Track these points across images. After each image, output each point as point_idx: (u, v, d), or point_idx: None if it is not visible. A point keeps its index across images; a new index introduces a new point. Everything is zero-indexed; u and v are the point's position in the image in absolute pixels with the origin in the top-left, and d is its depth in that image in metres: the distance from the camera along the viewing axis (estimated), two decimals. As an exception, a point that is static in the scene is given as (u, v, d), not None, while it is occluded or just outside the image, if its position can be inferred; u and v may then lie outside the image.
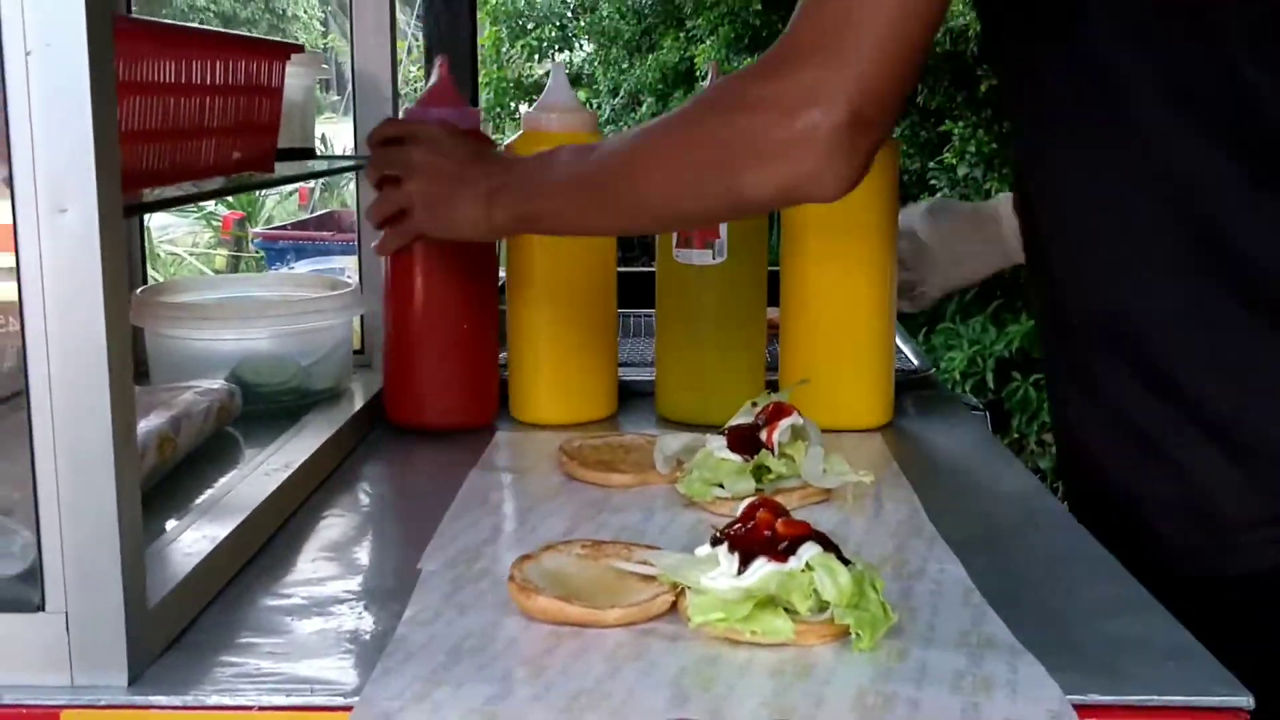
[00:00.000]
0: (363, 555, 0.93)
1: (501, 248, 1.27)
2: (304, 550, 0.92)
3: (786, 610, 0.73)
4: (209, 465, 1.05)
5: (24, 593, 0.68)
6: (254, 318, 1.18)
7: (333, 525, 0.98)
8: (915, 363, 1.42)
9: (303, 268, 1.51)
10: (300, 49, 1.05)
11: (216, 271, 6.18)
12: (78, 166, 0.63)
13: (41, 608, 0.68)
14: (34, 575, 0.68)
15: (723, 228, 1.20)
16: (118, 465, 0.67)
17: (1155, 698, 0.67)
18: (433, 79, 1.17)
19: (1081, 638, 0.76)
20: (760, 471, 0.99)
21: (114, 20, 0.66)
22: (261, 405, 1.18)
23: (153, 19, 0.76)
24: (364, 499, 1.05)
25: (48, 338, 0.65)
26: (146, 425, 0.97)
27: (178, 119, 0.80)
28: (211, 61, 0.84)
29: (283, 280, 1.37)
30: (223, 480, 0.99)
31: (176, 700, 0.68)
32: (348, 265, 1.54)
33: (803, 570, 0.73)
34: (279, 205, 7.60)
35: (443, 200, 1.05)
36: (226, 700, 0.68)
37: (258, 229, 5.39)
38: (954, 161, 5.49)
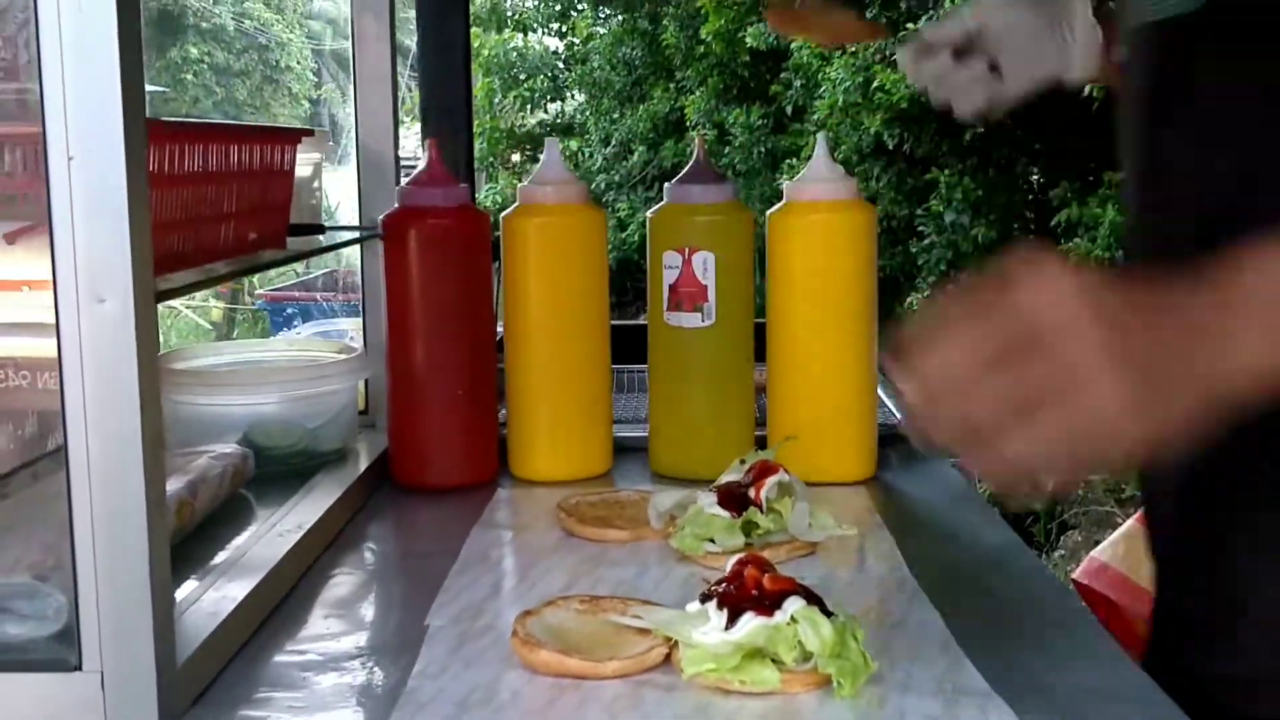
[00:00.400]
0: (371, 612, 0.98)
1: (498, 305, 1.33)
2: (315, 608, 0.97)
3: (774, 661, 0.79)
4: (224, 527, 1.10)
5: (61, 653, 0.73)
6: (264, 384, 1.24)
7: (342, 583, 1.03)
8: (899, 416, 1.48)
9: (308, 330, 1.56)
10: (310, 133, 1.11)
11: (212, 323, 6.25)
12: (115, 260, 0.69)
13: (79, 667, 0.73)
14: (69, 636, 0.73)
15: (710, 292, 1.26)
16: (150, 529, 0.72)
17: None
18: (422, 162, 1.24)
19: (1051, 683, 0.81)
20: (749, 527, 1.04)
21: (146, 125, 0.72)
22: (272, 467, 1.24)
23: (177, 119, 0.82)
24: (370, 558, 1.10)
25: (86, 414, 0.70)
26: (167, 489, 1.02)
27: (201, 207, 0.86)
28: (230, 151, 0.90)
29: (289, 345, 1.42)
30: (238, 541, 1.04)
31: (206, 755, 0.73)
32: (351, 328, 1.60)
33: (788, 623, 0.79)
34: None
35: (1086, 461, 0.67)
36: (257, 747, 0.73)
37: (260, 290, 5.47)
38: (940, 209, 5.59)
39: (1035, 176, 5.86)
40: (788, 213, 1.27)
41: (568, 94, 9.26)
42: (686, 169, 1.29)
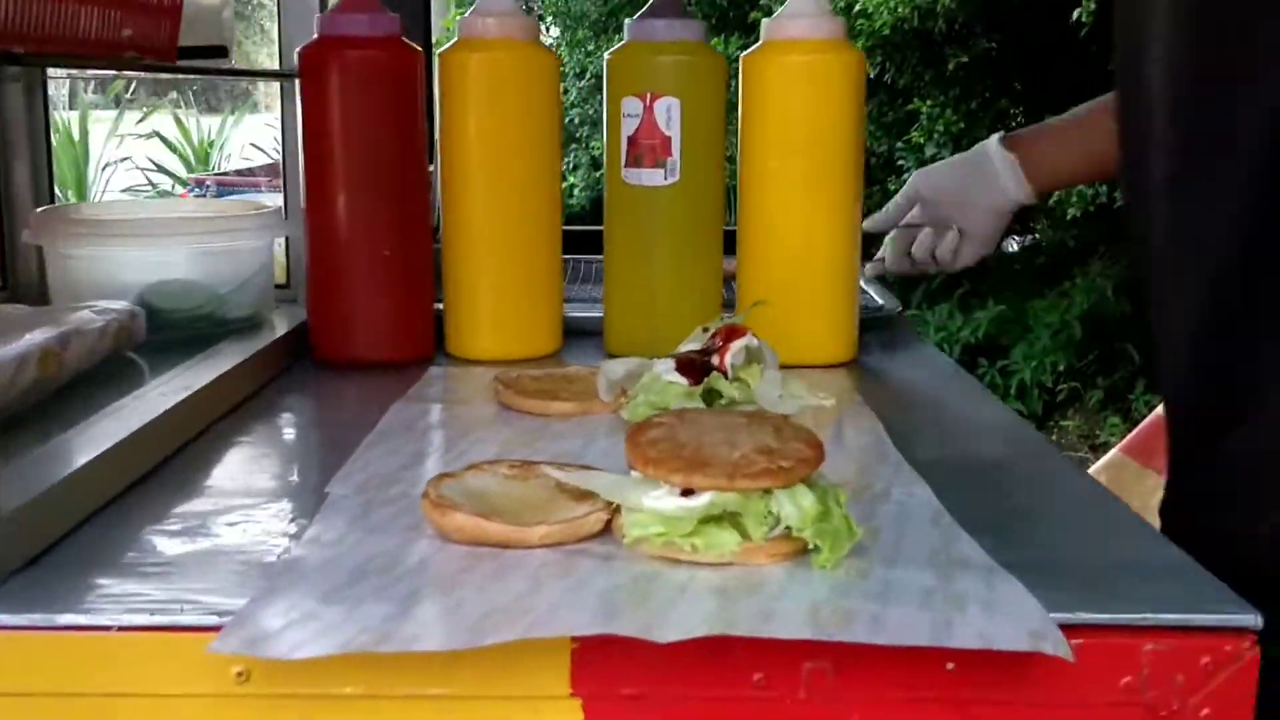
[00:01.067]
0: (265, 481, 0.83)
1: (435, 179, 1.17)
2: (199, 478, 0.82)
3: (736, 529, 0.65)
4: (102, 388, 0.95)
5: None
6: (165, 235, 1.08)
7: (237, 453, 0.88)
8: (881, 301, 1.34)
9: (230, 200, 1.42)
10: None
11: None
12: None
13: None
14: None
15: (674, 145, 1.11)
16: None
17: (1151, 615, 0.59)
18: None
19: (1068, 558, 0.68)
20: (711, 395, 0.90)
21: None
22: (171, 334, 1.08)
23: None
24: (276, 428, 0.95)
25: None
26: (30, 339, 0.87)
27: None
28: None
29: (201, 205, 1.27)
30: (115, 403, 0.89)
31: (23, 619, 0.59)
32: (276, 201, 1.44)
33: (759, 495, 0.65)
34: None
35: None
36: (82, 620, 0.59)
37: (190, 174, 5.21)
38: (921, 141, 5.43)
39: (1019, 112, 5.71)
40: (765, 52, 1.11)
41: (542, 25, 9.03)
42: (650, 3, 1.13)
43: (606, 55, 1.14)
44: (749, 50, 1.12)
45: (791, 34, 1.09)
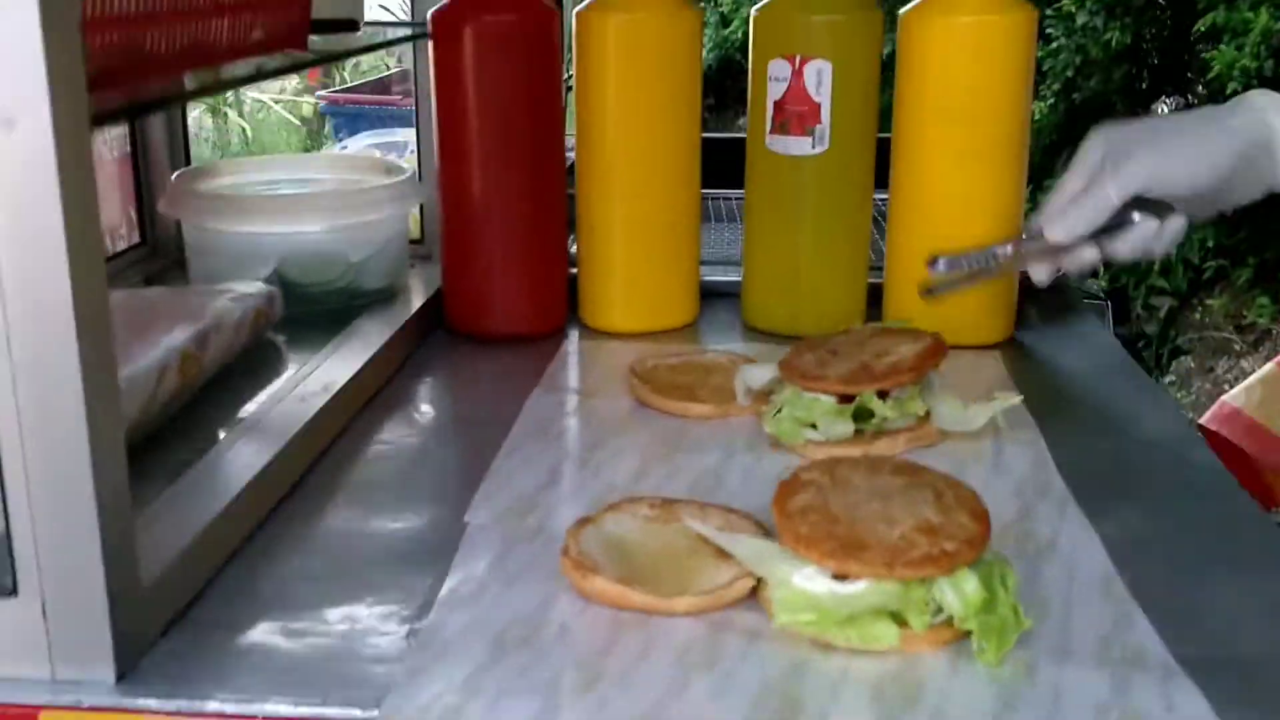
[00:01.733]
0: (406, 499, 0.82)
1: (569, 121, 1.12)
2: (340, 491, 0.81)
3: (893, 618, 0.61)
4: (243, 381, 0.94)
5: (-4, 574, 0.58)
6: (300, 210, 1.06)
7: (375, 459, 0.87)
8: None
9: (362, 140, 1.38)
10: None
11: (303, 120, 6.05)
12: (24, 69, 0.51)
13: (14, 591, 0.58)
14: (6, 552, 0.58)
15: (824, 112, 1.04)
16: (93, 426, 0.56)
17: (1353, 754, 0.54)
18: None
19: (1248, 652, 0.62)
20: (862, 414, 0.85)
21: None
22: (308, 307, 1.07)
23: None
24: (414, 424, 0.94)
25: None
26: (169, 342, 0.86)
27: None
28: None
29: (334, 163, 1.24)
30: (254, 404, 0.88)
31: (169, 705, 0.59)
32: (412, 139, 1.41)
33: (921, 581, 0.61)
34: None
35: None
36: (228, 707, 0.58)
37: (322, 92, 5.16)
38: (1072, 9, 5.12)
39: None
40: (926, 10, 1.03)
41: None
42: (802, -46, 1.05)
43: (753, 11, 1.07)
44: (908, 6, 1.04)
45: (955, -8, 1.00)
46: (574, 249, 1.14)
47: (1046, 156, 4.67)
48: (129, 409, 0.78)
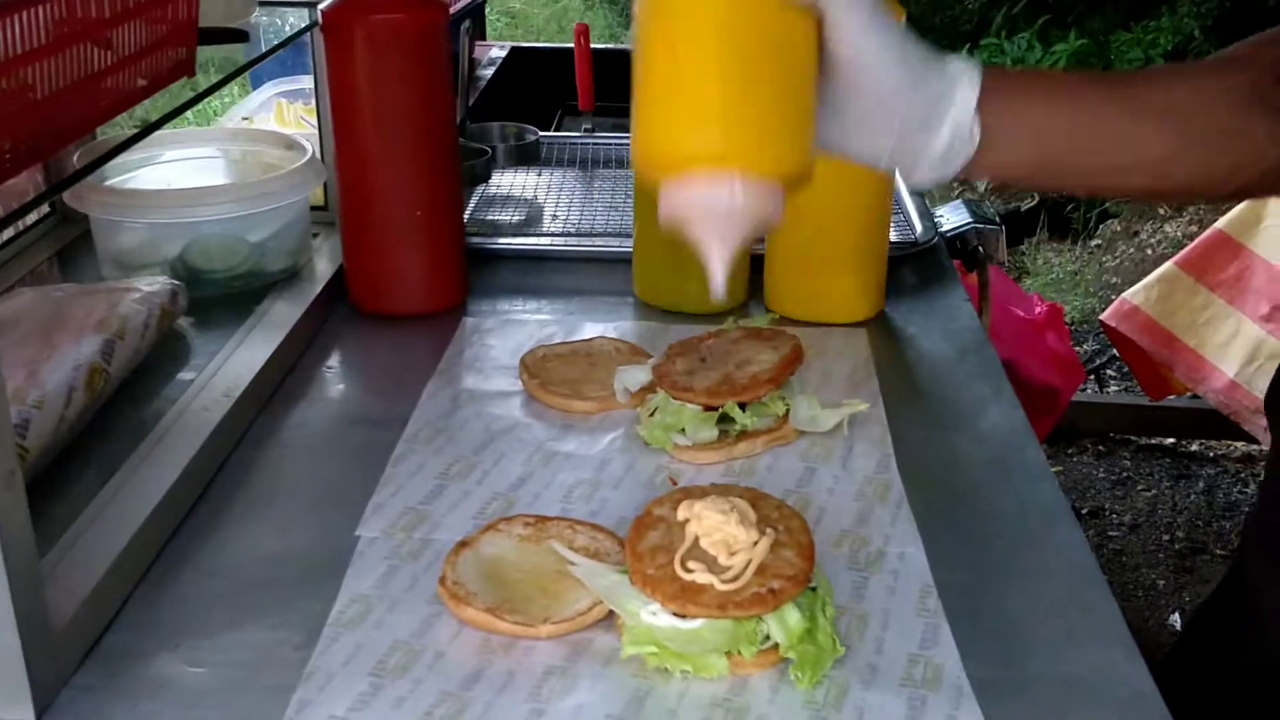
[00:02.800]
0: (302, 510, 0.88)
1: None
2: (238, 505, 0.88)
3: (725, 653, 0.70)
4: (149, 380, 1.00)
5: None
6: (203, 202, 1.10)
7: (275, 465, 0.93)
8: (918, 229, 1.33)
9: (268, 91, 1.38)
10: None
11: None
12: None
13: (-66, 647, 0.65)
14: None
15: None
16: (-2, 516, 0.62)
17: (1096, 775, 0.64)
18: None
19: (1034, 671, 0.72)
20: (726, 419, 0.93)
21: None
22: (214, 291, 1.12)
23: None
24: (315, 422, 1.00)
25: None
26: (77, 357, 0.91)
27: (66, 76, 0.70)
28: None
29: (237, 136, 1.27)
30: (161, 412, 0.94)
31: (85, 744, 0.66)
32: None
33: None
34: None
35: None
36: (136, 746, 0.66)
37: None
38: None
39: None
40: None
41: None
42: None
43: None
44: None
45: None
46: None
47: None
48: (38, 437, 0.83)
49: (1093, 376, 3.27)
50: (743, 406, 0.92)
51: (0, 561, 0.63)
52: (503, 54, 2.19)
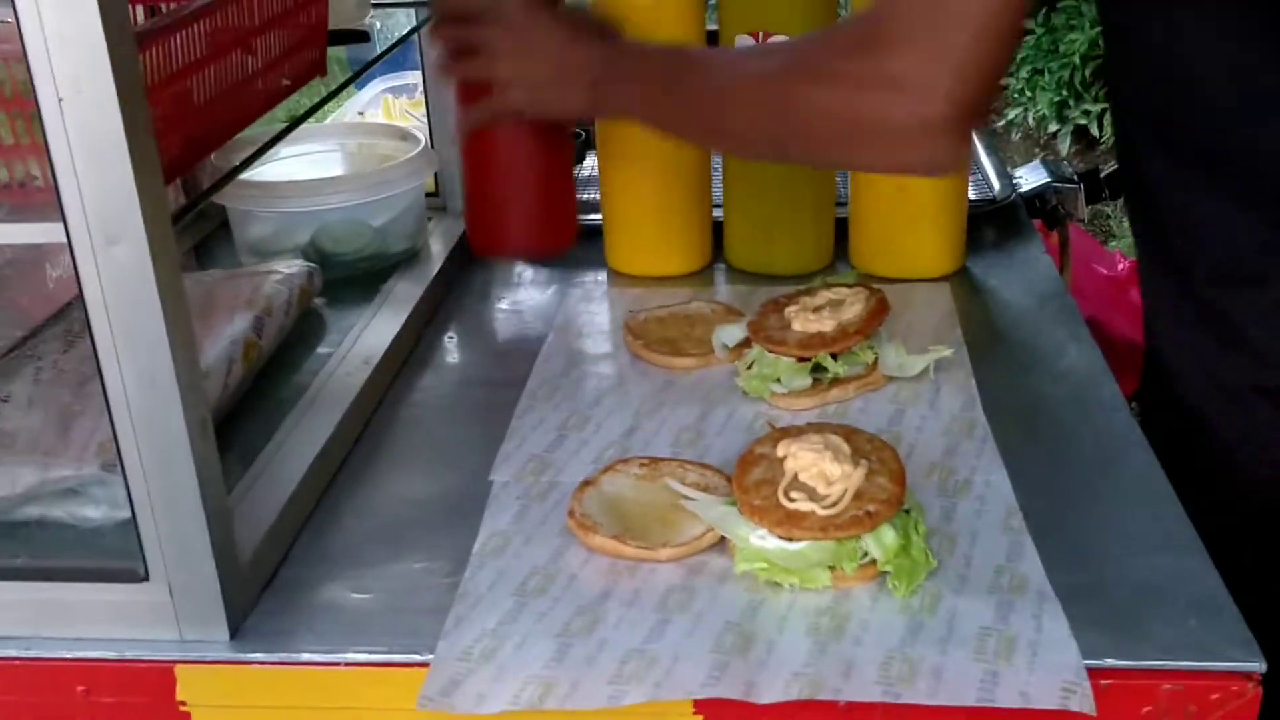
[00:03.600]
0: (438, 461, 0.98)
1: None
2: (384, 458, 0.98)
3: (829, 568, 0.78)
4: (293, 353, 1.10)
5: (132, 565, 0.76)
6: (328, 193, 1.21)
7: (411, 423, 1.03)
8: (996, 187, 1.39)
9: (375, 89, 1.48)
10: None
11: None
12: (124, 204, 0.66)
13: (147, 577, 0.76)
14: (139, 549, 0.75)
15: (788, 82, 1.16)
16: (197, 461, 0.72)
17: (1168, 663, 0.71)
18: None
19: (1112, 577, 0.79)
20: (819, 368, 1.01)
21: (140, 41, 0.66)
22: (342, 272, 1.23)
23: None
24: (443, 385, 1.10)
25: (118, 355, 0.69)
26: (231, 333, 1.02)
27: (221, 83, 0.81)
28: (249, 4, 0.83)
29: (354, 130, 1.37)
30: (308, 380, 1.04)
31: (273, 656, 0.77)
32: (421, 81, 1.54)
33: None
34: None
35: (546, 83, 1.02)
36: (318, 657, 0.76)
37: None
38: None
39: None
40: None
41: None
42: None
43: (718, -14, 1.18)
44: (860, -19, 1.15)
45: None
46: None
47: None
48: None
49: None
50: (835, 356, 1.00)
51: (200, 503, 0.73)
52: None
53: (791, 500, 0.79)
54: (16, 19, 0.62)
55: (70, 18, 0.61)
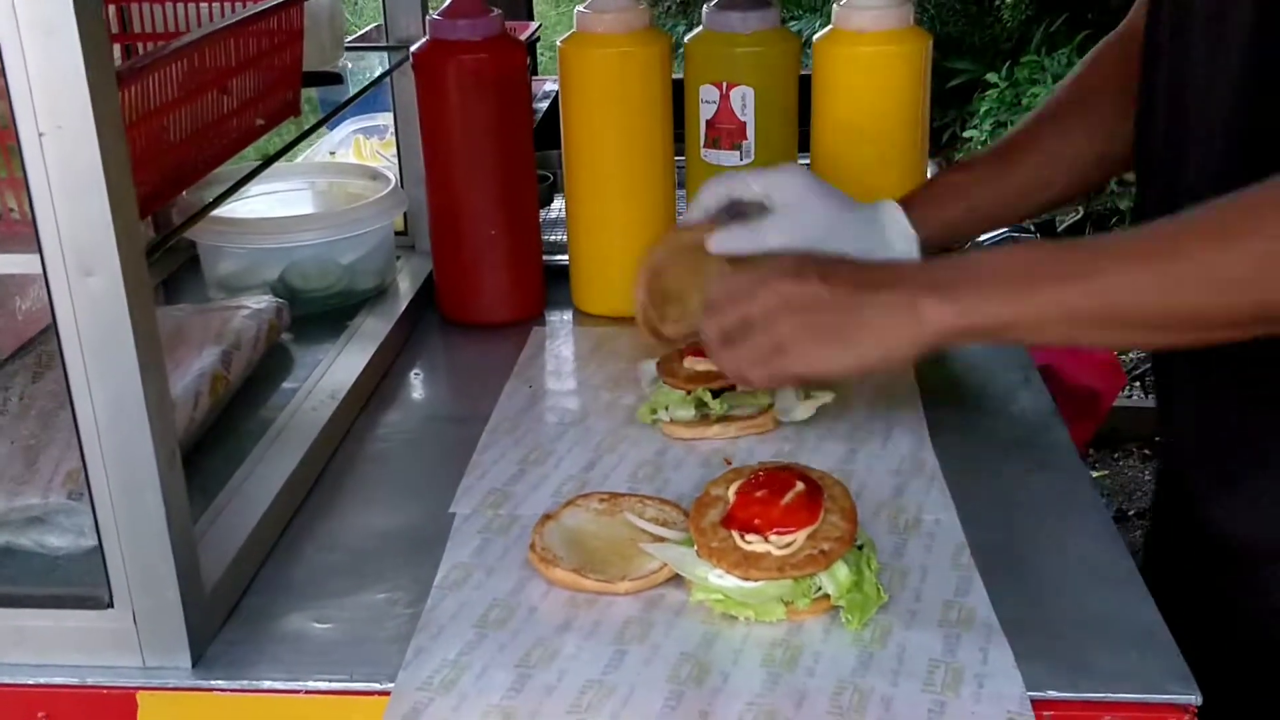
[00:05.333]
0: (402, 493, 1.00)
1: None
2: (347, 490, 0.99)
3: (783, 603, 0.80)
4: (261, 388, 1.12)
5: (96, 592, 0.77)
6: (300, 230, 1.23)
7: (375, 457, 1.05)
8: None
9: (347, 129, 1.50)
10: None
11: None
12: (100, 236, 0.67)
13: (110, 604, 0.77)
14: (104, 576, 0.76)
15: (749, 129, 1.20)
16: (165, 488, 0.74)
17: (1109, 695, 0.73)
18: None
19: (1055, 611, 0.81)
20: (699, 403, 1.04)
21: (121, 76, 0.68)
22: (311, 309, 1.24)
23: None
24: (408, 420, 1.12)
25: (89, 385, 0.71)
26: (199, 366, 1.04)
27: (194, 123, 0.83)
28: (221, 50, 0.85)
29: (324, 169, 1.40)
30: (274, 415, 1.05)
31: (234, 684, 0.78)
32: (391, 123, 1.57)
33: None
34: None
35: (835, 327, 0.86)
36: (279, 685, 0.78)
37: None
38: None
39: None
40: (833, 41, 1.18)
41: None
42: (727, -10, 1.20)
43: (686, 40, 1.22)
44: (819, 35, 1.19)
45: (857, 25, 1.16)
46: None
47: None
48: (175, 433, 0.95)
49: (1137, 383, 3.33)
50: (716, 394, 1.03)
51: (166, 531, 0.74)
52: (555, 87, 2.32)
53: (748, 542, 0.81)
54: (0, 57, 0.63)
55: (53, 56, 0.63)
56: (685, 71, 1.22)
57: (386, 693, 0.76)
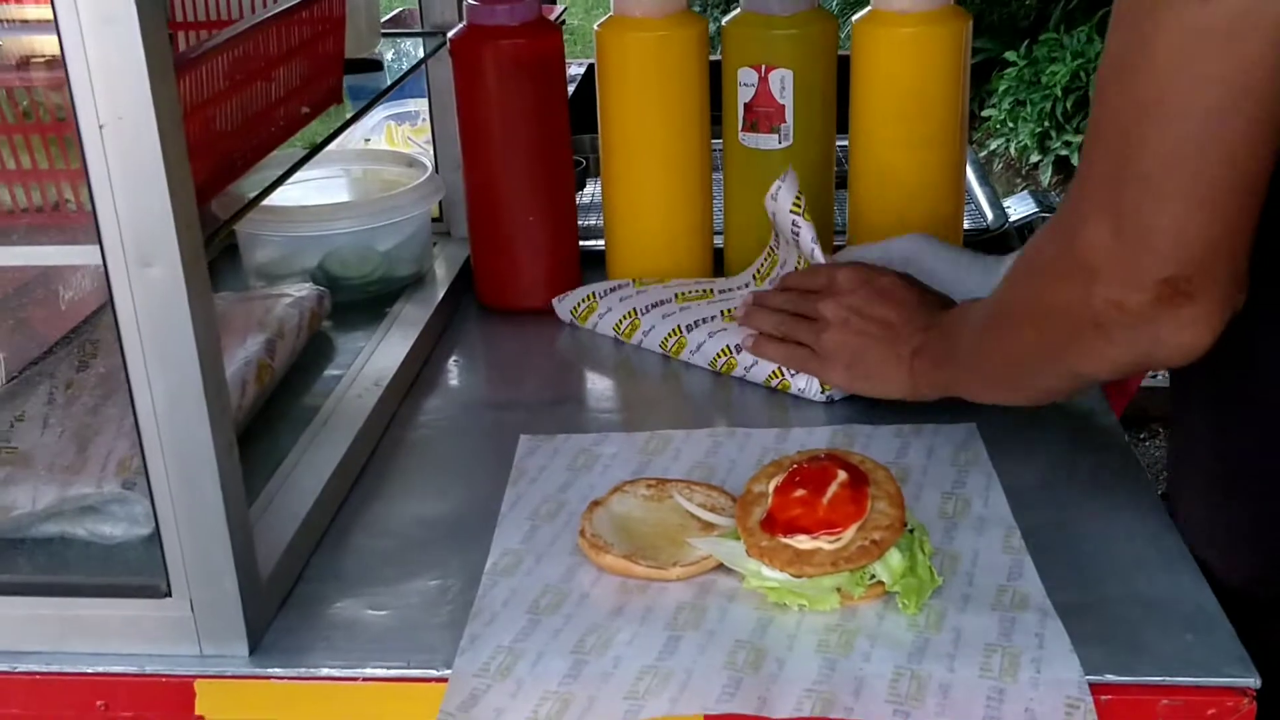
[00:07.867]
0: (448, 481, 1.00)
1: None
2: (394, 478, 1.00)
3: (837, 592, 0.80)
4: (304, 376, 1.12)
5: (154, 581, 0.77)
6: (338, 217, 1.23)
7: (420, 444, 1.05)
8: (989, 216, 1.42)
9: (379, 114, 1.49)
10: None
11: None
12: (159, 226, 0.68)
13: (169, 594, 0.77)
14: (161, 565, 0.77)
15: (788, 112, 1.19)
16: (223, 478, 0.74)
17: (1165, 679, 0.73)
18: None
19: (1109, 594, 0.81)
20: None
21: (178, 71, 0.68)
22: (350, 296, 1.25)
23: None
24: (451, 406, 1.12)
25: (148, 376, 0.71)
26: (244, 355, 1.04)
27: (245, 111, 0.83)
28: (268, 40, 0.85)
29: (359, 156, 1.40)
30: (319, 402, 1.05)
31: (291, 671, 0.78)
32: (423, 111, 1.56)
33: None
34: None
35: (862, 358, 1.02)
36: (336, 672, 0.78)
37: None
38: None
39: None
40: (872, 22, 1.17)
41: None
42: (766, -28, 1.19)
43: (724, 22, 1.21)
44: (859, 16, 1.18)
45: (898, 5, 1.15)
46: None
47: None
48: (223, 422, 0.96)
49: (1163, 363, 3.31)
50: None
51: (224, 520, 0.75)
52: (581, 70, 2.31)
53: (797, 541, 0.81)
54: (61, 48, 0.64)
55: (114, 46, 0.63)
56: (723, 54, 1.21)
57: (443, 679, 0.76)
